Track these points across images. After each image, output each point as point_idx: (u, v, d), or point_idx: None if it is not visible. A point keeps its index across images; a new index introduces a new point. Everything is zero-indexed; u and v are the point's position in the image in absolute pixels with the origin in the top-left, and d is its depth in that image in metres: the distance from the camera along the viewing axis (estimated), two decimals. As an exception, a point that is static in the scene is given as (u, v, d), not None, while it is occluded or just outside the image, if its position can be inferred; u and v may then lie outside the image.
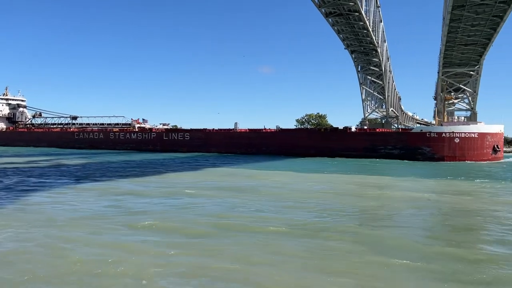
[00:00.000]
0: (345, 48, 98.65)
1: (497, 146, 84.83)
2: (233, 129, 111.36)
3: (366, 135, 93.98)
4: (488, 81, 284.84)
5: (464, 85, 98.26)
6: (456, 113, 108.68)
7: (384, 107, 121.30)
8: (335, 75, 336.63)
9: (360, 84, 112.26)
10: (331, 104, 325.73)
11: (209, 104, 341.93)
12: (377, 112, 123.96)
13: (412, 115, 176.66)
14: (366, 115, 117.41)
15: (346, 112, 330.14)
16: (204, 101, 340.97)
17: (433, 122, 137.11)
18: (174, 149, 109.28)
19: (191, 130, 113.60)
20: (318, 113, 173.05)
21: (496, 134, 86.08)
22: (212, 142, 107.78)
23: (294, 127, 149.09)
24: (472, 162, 79.82)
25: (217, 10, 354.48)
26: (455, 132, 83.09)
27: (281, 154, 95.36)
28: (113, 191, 30.23)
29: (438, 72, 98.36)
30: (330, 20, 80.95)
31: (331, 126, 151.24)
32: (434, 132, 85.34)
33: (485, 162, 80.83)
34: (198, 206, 24.30)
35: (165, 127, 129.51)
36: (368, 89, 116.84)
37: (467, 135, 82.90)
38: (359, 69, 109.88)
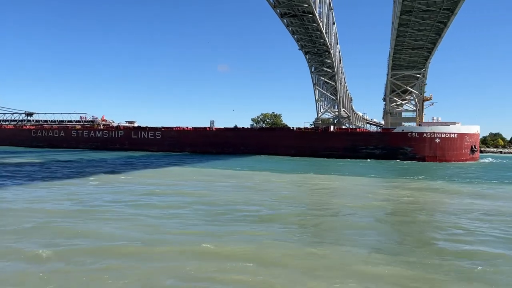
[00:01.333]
0: (299, 49, 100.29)
1: (474, 146, 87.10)
2: (209, 127, 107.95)
3: (347, 135, 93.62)
4: (432, 83, 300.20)
5: (411, 87, 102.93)
6: (403, 114, 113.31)
7: (336, 107, 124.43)
8: (290, 76, 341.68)
9: (314, 84, 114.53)
10: (286, 103, 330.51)
11: (171, 102, 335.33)
12: (330, 112, 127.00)
13: (362, 115, 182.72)
14: (319, 115, 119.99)
15: (300, 112, 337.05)
16: (168, 99, 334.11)
17: (382, 122, 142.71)
18: (144, 148, 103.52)
19: (163, 128, 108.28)
20: (273, 112, 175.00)
21: (473, 134, 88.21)
22: (186, 140, 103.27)
23: (250, 126, 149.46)
24: (452, 162, 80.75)
25: (175, 6, 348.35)
26: (436, 133, 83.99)
27: (260, 153, 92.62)
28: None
29: (387, 74, 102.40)
30: (285, 20, 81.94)
31: (286, 125, 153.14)
32: (415, 132, 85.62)
33: (464, 162, 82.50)
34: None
35: (132, 125, 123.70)
36: (321, 89, 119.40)
37: (447, 135, 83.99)
38: (312, 70, 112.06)
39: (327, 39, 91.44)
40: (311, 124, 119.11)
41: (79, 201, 25.02)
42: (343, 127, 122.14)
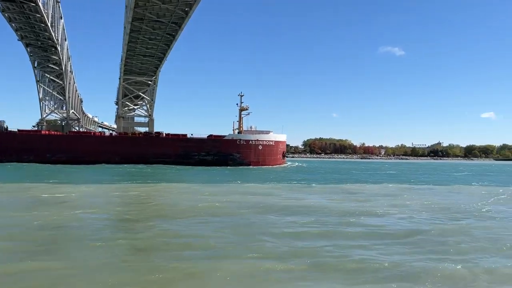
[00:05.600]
0: (18, 40, 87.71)
1: (284, 152, 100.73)
2: None
3: (179, 141, 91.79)
4: (163, 90, 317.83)
5: (143, 93, 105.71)
6: (136, 118, 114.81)
7: (65, 108, 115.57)
8: (6, 69, 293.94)
9: (37, 81, 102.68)
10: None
11: None
12: (57, 113, 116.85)
13: (92, 118, 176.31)
14: (44, 115, 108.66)
15: (19, 112, 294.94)
16: None
17: (115, 125, 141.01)
18: None
19: None
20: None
21: (283, 142, 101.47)
22: None
23: None
24: (271, 166, 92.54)
25: None
26: (259, 140, 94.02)
27: (72, 162, 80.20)
28: None
29: (120, 79, 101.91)
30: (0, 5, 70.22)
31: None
32: (243, 140, 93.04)
33: (279, 166, 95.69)
34: None
35: None
36: (47, 88, 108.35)
37: (267, 143, 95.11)
38: (36, 65, 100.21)
39: (53, 34, 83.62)
40: (33, 126, 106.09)
41: None
42: (73, 129, 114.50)
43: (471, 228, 20.73)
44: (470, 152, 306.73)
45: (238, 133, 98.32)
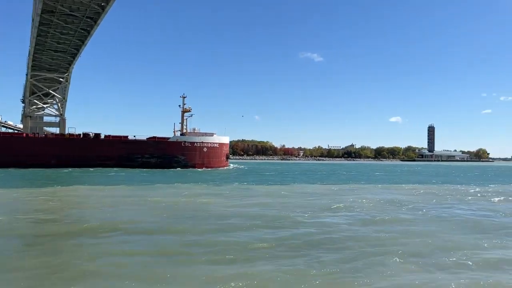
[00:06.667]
0: None
1: (228, 154, 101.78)
2: None
3: (121, 143, 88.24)
4: (76, 89, 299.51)
5: (54, 90, 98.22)
6: (45, 118, 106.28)
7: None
8: None
9: None
10: None
11: None
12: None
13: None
14: None
15: None
16: None
17: (21, 126, 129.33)
18: None
19: None
20: None
21: (227, 144, 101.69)
22: None
23: None
24: (215, 168, 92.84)
25: None
26: (204, 142, 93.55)
27: (1, 166, 73.75)
28: None
29: (27, 75, 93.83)
30: None
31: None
32: (188, 142, 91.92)
33: (222, 168, 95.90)
34: None
35: None
36: None
37: (212, 145, 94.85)
38: None
39: None
40: None
41: None
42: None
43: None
44: (379, 153, 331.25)
45: (181, 135, 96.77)
